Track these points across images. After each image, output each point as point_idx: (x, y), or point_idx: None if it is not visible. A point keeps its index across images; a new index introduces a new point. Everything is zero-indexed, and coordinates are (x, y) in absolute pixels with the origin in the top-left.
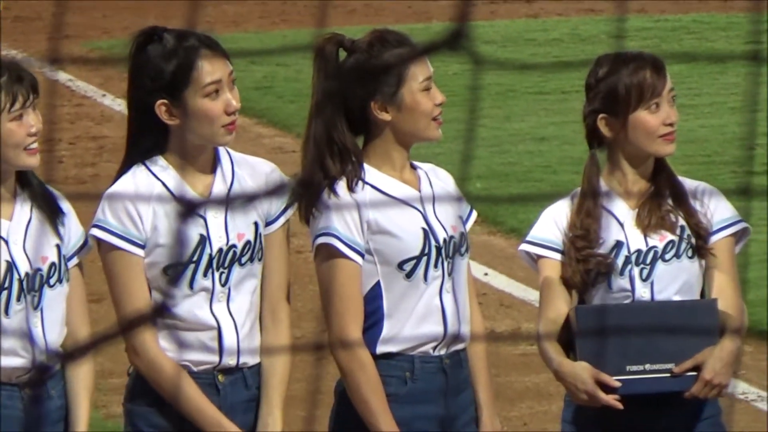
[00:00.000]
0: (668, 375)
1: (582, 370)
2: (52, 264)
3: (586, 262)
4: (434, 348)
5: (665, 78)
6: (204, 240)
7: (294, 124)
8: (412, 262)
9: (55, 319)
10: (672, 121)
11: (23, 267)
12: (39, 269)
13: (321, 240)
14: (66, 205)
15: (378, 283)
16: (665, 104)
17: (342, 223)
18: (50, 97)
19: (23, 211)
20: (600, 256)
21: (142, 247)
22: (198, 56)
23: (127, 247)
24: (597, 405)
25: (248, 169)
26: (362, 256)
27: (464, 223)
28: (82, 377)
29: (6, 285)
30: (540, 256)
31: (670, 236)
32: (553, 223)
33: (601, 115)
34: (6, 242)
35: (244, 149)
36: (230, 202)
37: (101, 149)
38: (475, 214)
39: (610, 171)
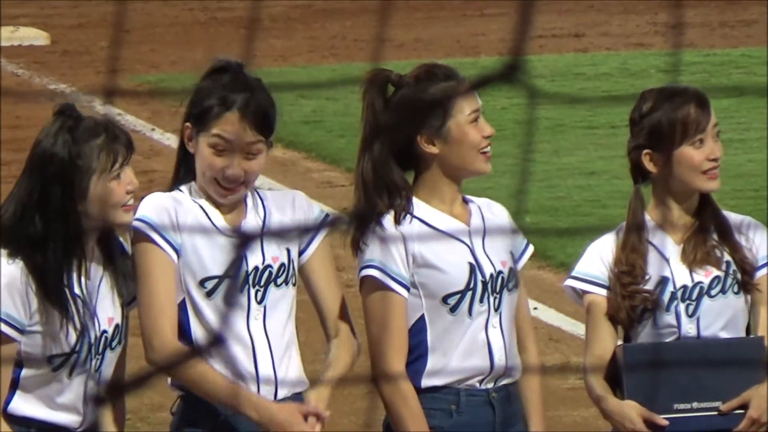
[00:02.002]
0: (716, 413)
1: (630, 409)
2: (117, 326)
3: (632, 299)
4: (480, 381)
5: (710, 113)
6: (240, 257)
7: (343, 158)
8: (457, 296)
9: (108, 377)
10: (716, 157)
11: (92, 331)
12: (105, 332)
13: (366, 272)
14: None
15: (422, 317)
16: (709, 140)
17: (387, 256)
18: None
19: (97, 270)
20: (646, 292)
21: (177, 252)
22: (228, 112)
23: (163, 245)
24: None
25: (279, 199)
26: (407, 289)
27: (518, 257)
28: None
29: (77, 349)
30: (585, 292)
31: (715, 272)
32: (598, 258)
33: (645, 151)
34: (86, 305)
35: (293, 183)
36: (284, 233)
37: (151, 183)
38: (531, 248)
39: (655, 206)
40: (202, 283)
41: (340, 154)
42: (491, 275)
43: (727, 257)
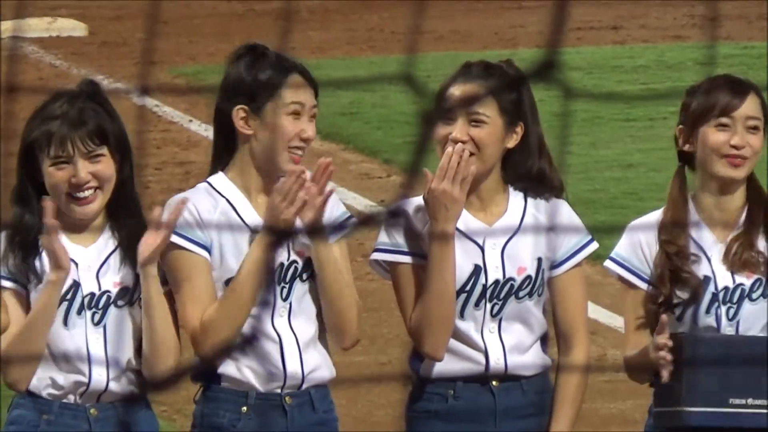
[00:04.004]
0: None
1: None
2: (124, 288)
3: (677, 278)
4: (477, 377)
5: (741, 101)
6: (273, 258)
7: (380, 150)
8: None
9: (121, 341)
10: (738, 145)
11: (89, 287)
12: (107, 291)
13: (374, 255)
14: None
15: None
16: (738, 127)
17: (390, 235)
18: (137, 123)
19: (107, 243)
20: (691, 273)
21: (207, 249)
22: (291, 75)
23: (192, 248)
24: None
25: None
26: (417, 256)
27: (560, 264)
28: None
29: (68, 297)
30: (624, 279)
31: (757, 274)
32: (639, 248)
33: (679, 126)
34: (76, 264)
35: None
36: (322, 230)
37: (188, 174)
38: (592, 247)
39: (697, 195)
40: (227, 283)
41: (377, 146)
42: (496, 281)
43: None
